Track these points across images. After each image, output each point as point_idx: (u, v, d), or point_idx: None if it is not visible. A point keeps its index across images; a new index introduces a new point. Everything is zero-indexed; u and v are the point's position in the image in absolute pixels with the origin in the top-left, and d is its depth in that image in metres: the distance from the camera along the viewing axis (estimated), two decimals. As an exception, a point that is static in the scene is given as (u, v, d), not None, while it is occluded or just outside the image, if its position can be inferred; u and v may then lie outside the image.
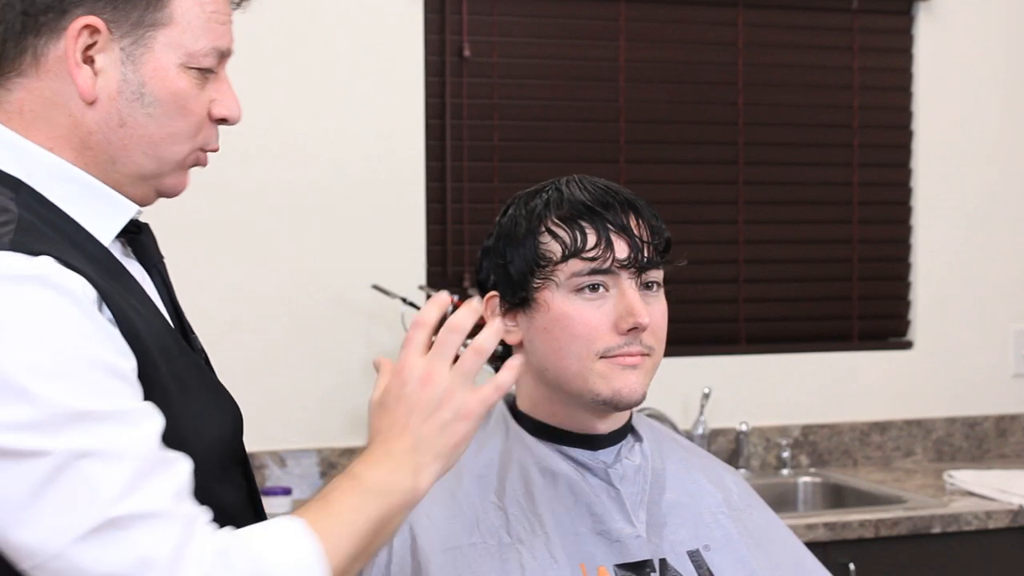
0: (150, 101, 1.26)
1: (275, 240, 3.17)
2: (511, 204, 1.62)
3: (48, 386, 1.09)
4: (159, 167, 1.29)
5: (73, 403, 1.10)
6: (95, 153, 1.26)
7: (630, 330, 1.52)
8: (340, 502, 1.19)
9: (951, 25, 3.70)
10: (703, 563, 1.56)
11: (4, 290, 1.11)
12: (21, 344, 1.09)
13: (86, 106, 1.24)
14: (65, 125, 1.25)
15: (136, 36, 1.25)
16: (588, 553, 1.51)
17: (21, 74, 1.25)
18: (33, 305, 1.11)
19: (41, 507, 1.08)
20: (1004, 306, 3.76)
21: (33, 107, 1.25)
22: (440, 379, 1.23)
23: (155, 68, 1.25)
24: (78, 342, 1.12)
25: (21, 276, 1.12)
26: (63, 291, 1.13)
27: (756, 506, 1.69)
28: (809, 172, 3.65)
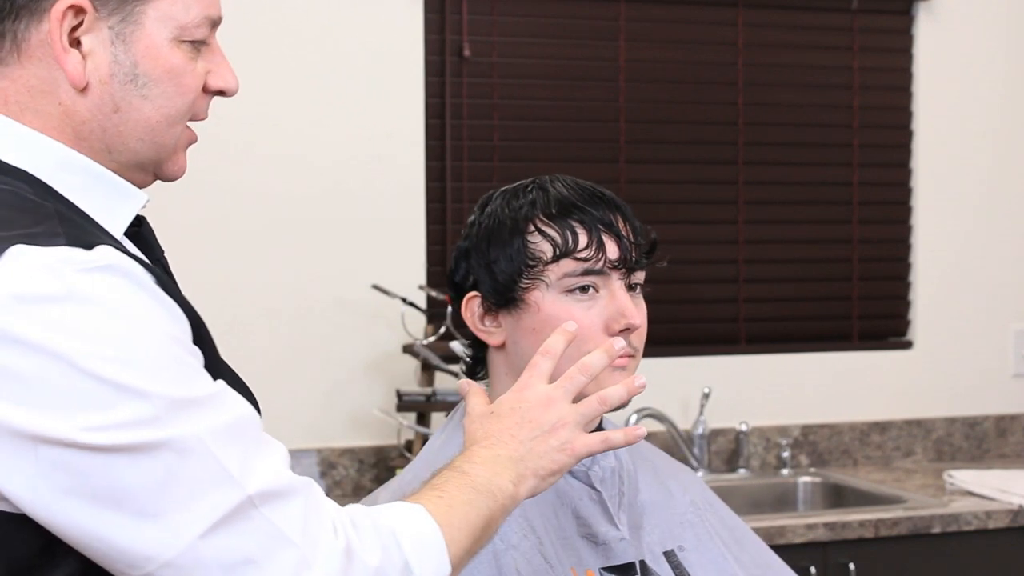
0: (144, 82, 1.17)
1: (275, 240, 3.17)
2: (487, 203, 1.59)
3: (151, 380, 1.05)
4: (157, 152, 1.21)
5: (177, 391, 1.06)
6: (90, 143, 1.18)
7: (622, 331, 1.51)
8: (454, 496, 1.19)
9: (951, 25, 3.70)
10: (679, 564, 1.56)
11: (81, 285, 1.05)
12: (112, 340, 1.04)
13: (77, 93, 1.16)
14: (56, 115, 1.16)
15: (124, 13, 1.16)
16: (577, 557, 1.50)
17: (1, 62, 1.16)
18: (113, 298, 1.06)
19: (170, 498, 1.04)
20: (1004, 306, 3.76)
21: (19, 97, 1.16)
22: (560, 408, 1.28)
23: (147, 46, 1.17)
24: (163, 328, 1.08)
25: (93, 267, 1.06)
26: (134, 278, 1.08)
27: (715, 503, 1.68)
28: (809, 172, 3.65)
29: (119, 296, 1.06)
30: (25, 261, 1.05)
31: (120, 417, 1.03)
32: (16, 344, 1.02)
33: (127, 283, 1.07)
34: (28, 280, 1.04)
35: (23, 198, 1.12)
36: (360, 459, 3.22)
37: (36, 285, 1.04)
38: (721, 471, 3.49)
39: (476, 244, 1.56)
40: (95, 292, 1.05)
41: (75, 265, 1.05)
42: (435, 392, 3.05)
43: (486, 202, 1.59)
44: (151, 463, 1.03)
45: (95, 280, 1.06)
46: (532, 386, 1.28)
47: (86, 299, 1.04)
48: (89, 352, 1.03)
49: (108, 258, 1.07)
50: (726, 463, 3.52)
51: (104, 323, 1.04)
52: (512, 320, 1.54)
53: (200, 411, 1.07)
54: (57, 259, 1.05)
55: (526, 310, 1.52)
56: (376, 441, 3.24)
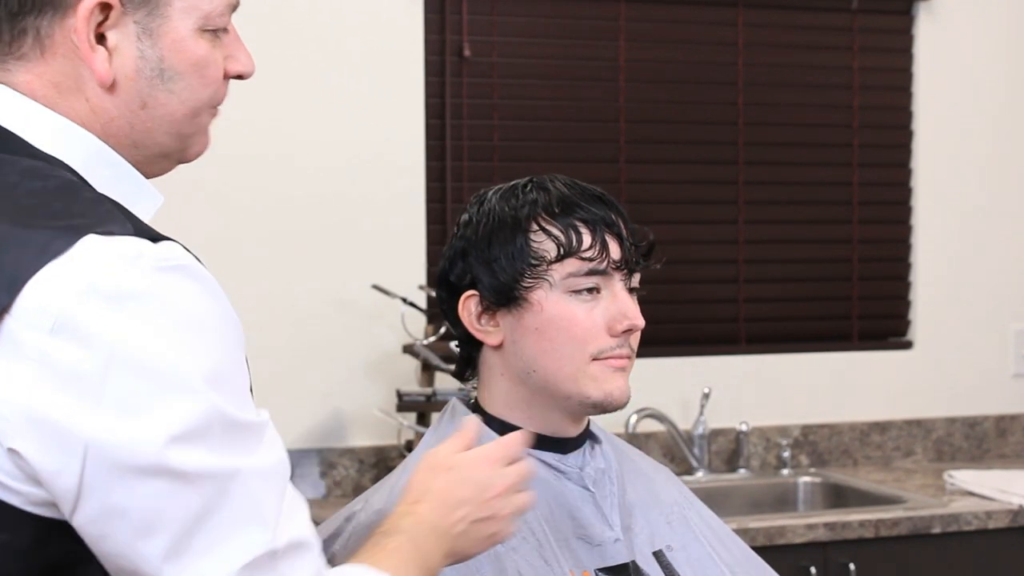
0: (171, 76, 1.14)
1: (275, 240, 3.17)
2: (482, 201, 1.57)
3: (217, 394, 1.01)
4: (182, 142, 1.19)
5: (232, 413, 1.02)
6: (117, 138, 1.14)
7: (623, 332, 1.51)
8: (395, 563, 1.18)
9: (951, 25, 3.70)
10: (668, 563, 1.55)
11: (158, 283, 1.01)
12: (183, 345, 1.01)
13: (104, 91, 1.12)
14: (84, 111, 1.12)
15: (150, 7, 1.12)
16: (575, 558, 1.50)
17: (22, 58, 1.12)
18: (188, 301, 1.03)
19: (203, 534, 1.00)
20: (1004, 306, 3.76)
21: (45, 91, 1.12)
22: (507, 502, 1.27)
23: (173, 39, 1.13)
24: (228, 341, 1.06)
25: (168, 266, 1.03)
26: (207, 283, 1.05)
27: (696, 503, 1.68)
28: (809, 172, 3.65)
29: (193, 300, 1.04)
30: (100, 252, 1.01)
31: (175, 429, 0.99)
32: (84, 340, 0.99)
33: (201, 287, 1.05)
34: (105, 272, 1.00)
35: (75, 187, 1.08)
36: (360, 459, 3.22)
37: (113, 278, 1.00)
38: (721, 471, 3.49)
39: (475, 242, 1.55)
40: (171, 293, 1.02)
41: (151, 261, 1.02)
42: (435, 392, 3.05)
43: (480, 200, 1.58)
44: (193, 493, 1.00)
45: (170, 280, 1.03)
46: (490, 471, 1.27)
47: (162, 299, 1.01)
48: (158, 354, 1.00)
49: (180, 256, 1.04)
50: (726, 463, 3.52)
51: (178, 327, 1.01)
52: (512, 320, 1.53)
53: (248, 443, 1.04)
54: (133, 252, 1.02)
55: (528, 309, 1.52)
56: (376, 441, 3.24)
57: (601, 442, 1.61)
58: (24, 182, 1.06)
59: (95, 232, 1.02)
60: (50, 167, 1.08)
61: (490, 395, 1.58)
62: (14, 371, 0.99)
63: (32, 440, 0.98)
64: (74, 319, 0.99)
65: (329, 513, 1.61)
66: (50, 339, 0.99)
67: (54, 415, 0.98)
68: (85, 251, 1.01)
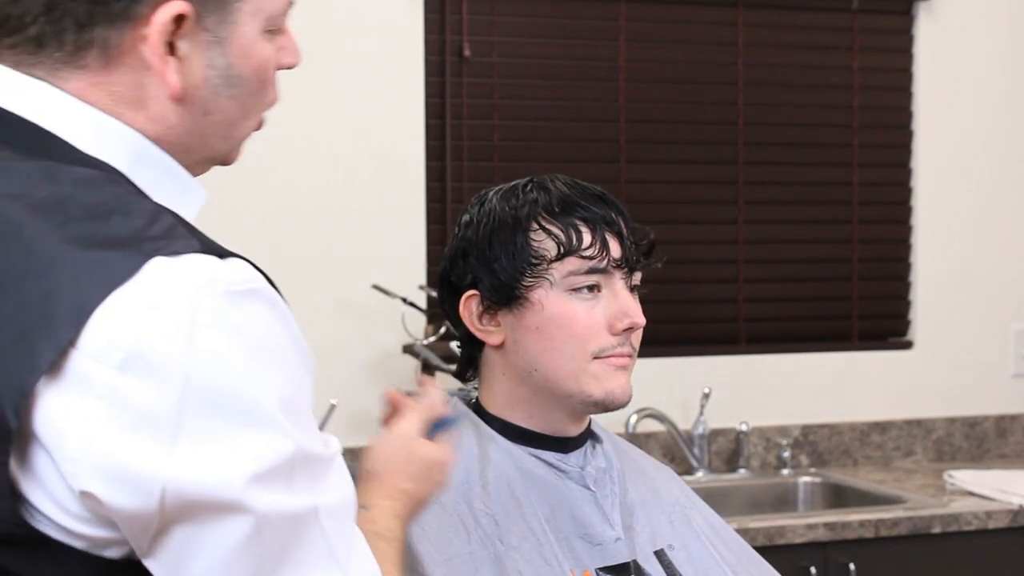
0: (235, 82, 1.09)
1: (275, 240, 3.17)
2: (482, 201, 1.58)
3: (292, 429, 0.96)
4: (230, 147, 1.14)
5: (308, 447, 0.98)
6: (169, 143, 1.08)
7: (625, 330, 1.51)
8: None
9: (951, 25, 3.70)
10: (670, 563, 1.55)
11: (231, 311, 0.96)
12: (260, 377, 0.95)
13: (169, 101, 1.06)
14: (139, 119, 1.06)
15: (222, 14, 1.06)
16: (575, 557, 1.50)
17: (83, 68, 1.04)
18: (262, 331, 0.97)
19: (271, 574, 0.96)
20: (1004, 306, 3.76)
21: (99, 99, 1.05)
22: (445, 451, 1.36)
23: (241, 45, 1.08)
24: (301, 368, 1.01)
25: (241, 291, 0.97)
26: (276, 305, 1.00)
27: (697, 502, 1.68)
28: (809, 172, 3.65)
29: (267, 327, 0.98)
30: (169, 276, 0.95)
31: (255, 467, 0.94)
32: (156, 374, 0.93)
33: (273, 312, 0.99)
34: (176, 300, 0.94)
35: (131, 197, 1.02)
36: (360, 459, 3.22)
37: (185, 307, 0.94)
38: (721, 471, 3.49)
39: (476, 242, 1.55)
40: (245, 321, 0.96)
41: (223, 285, 0.96)
42: (435, 392, 3.05)
43: (481, 201, 1.58)
44: (271, 534, 0.96)
45: (243, 306, 0.97)
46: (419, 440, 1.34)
47: (236, 328, 0.96)
48: (234, 387, 0.94)
49: (251, 278, 0.99)
50: (726, 463, 3.52)
51: (254, 357, 0.96)
52: (513, 319, 1.53)
53: (322, 477, 1.00)
54: (204, 276, 0.96)
55: (529, 308, 1.52)
56: (376, 441, 3.23)
57: (602, 441, 1.61)
58: (77, 193, 0.99)
59: (162, 254, 0.96)
60: (102, 175, 1.02)
61: (491, 395, 1.58)
62: (84, 410, 0.93)
63: (106, 482, 0.93)
64: (145, 353, 0.93)
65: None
66: (120, 375, 0.92)
67: (129, 456, 0.92)
68: (153, 276, 0.94)
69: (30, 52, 1.04)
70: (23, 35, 1.04)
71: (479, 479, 1.51)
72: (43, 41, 1.03)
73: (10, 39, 1.04)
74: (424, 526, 1.45)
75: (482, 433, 1.55)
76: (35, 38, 1.03)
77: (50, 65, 1.04)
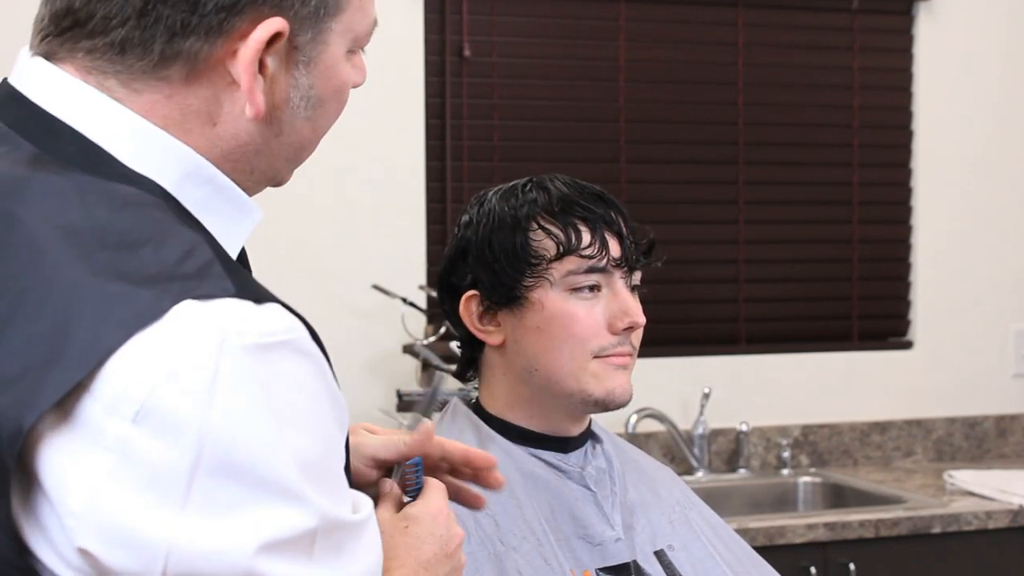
0: (315, 104, 1.03)
1: (275, 240, 3.17)
2: (482, 202, 1.58)
3: (312, 493, 0.89)
4: (292, 169, 1.09)
5: (331, 513, 0.90)
6: (234, 163, 1.01)
7: (625, 329, 1.51)
8: None
9: (951, 25, 3.70)
10: (670, 563, 1.55)
11: (258, 366, 0.88)
12: (281, 440, 0.88)
13: (244, 119, 0.99)
14: (207, 136, 0.99)
15: (316, 31, 1.00)
16: (575, 557, 1.50)
17: (162, 79, 0.97)
18: (292, 385, 0.90)
19: None
20: (1004, 306, 3.76)
21: (167, 113, 0.98)
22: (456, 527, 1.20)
23: (327, 66, 1.02)
24: (332, 427, 0.93)
25: (272, 344, 0.89)
26: (310, 358, 0.93)
27: (697, 502, 1.68)
28: (809, 172, 3.65)
29: (297, 384, 0.91)
30: (196, 323, 0.87)
31: (267, 536, 0.87)
32: (171, 432, 0.85)
33: (306, 366, 0.92)
34: (200, 351, 0.87)
35: (168, 225, 0.94)
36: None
37: (209, 360, 0.87)
38: (721, 471, 3.49)
39: (475, 242, 1.55)
40: (272, 378, 0.89)
41: (252, 336, 0.88)
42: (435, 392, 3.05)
43: (481, 201, 1.59)
44: None
45: (273, 360, 0.89)
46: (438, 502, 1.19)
47: (261, 385, 0.88)
48: (252, 451, 0.87)
49: (286, 328, 0.91)
50: (726, 463, 3.52)
51: (277, 417, 0.88)
52: (513, 319, 1.53)
53: (345, 547, 0.92)
54: (233, 326, 0.88)
55: (529, 308, 1.52)
56: (376, 441, 3.23)
57: (603, 441, 1.61)
58: (110, 216, 0.92)
59: (192, 296, 0.88)
60: (142, 194, 0.95)
61: (491, 395, 1.58)
62: (90, 462, 0.86)
63: (107, 542, 0.86)
64: (161, 407, 0.85)
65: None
66: (133, 429, 0.85)
67: (134, 519, 0.86)
68: (179, 321, 0.87)
69: (109, 59, 0.97)
70: (106, 38, 0.96)
71: None
72: (127, 47, 0.96)
73: (89, 41, 0.97)
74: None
75: (482, 433, 1.55)
76: (119, 43, 0.96)
77: (127, 75, 0.97)
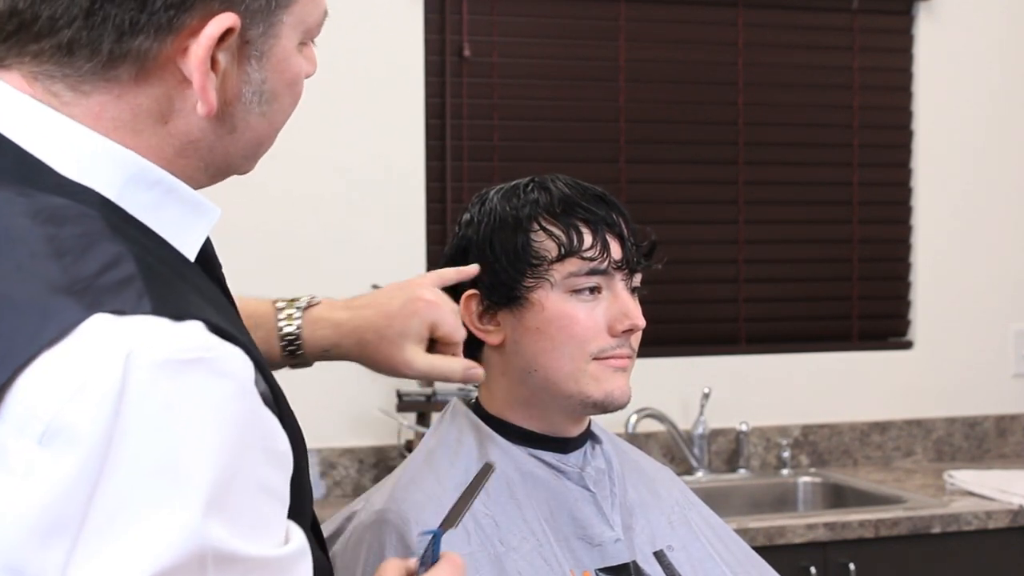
0: (268, 98, 1.01)
1: (275, 240, 3.17)
2: (483, 201, 1.57)
3: (213, 521, 0.84)
4: (253, 163, 1.07)
5: (234, 546, 0.85)
6: (187, 162, 0.99)
7: (624, 332, 1.51)
8: None
9: (951, 25, 3.70)
10: (669, 563, 1.55)
11: (166, 383, 0.84)
12: (180, 462, 0.83)
13: (196, 116, 0.97)
14: (158, 135, 0.97)
15: (267, 25, 0.99)
16: (575, 558, 1.50)
17: (111, 80, 0.94)
18: (200, 405, 0.85)
19: None
20: (1004, 306, 3.76)
21: (117, 115, 0.95)
22: None
23: (279, 59, 1.01)
24: (245, 456, 0.87)
25: (183, 360, 0.85)
26: (229, 379, 0.87)
27: (697, 503, 1.68)
28: (809, 172, 3.65)
29: (206, 404, 0.85)
30: (105, 338, 0.84)
31: (157, 565, 0.82)
32: (73, 451, 0.82)
33: (222, 386, 0.86)
34: (107, 367, 0.83)
35: (94, 237, 0.90)
36: (360, 459, 3.22)
37: (114, 376, 0.83)
38: (721, 471, 3.49)
39: (476, 242, 1.55)
40: (179, 396, 0.84)
41: (163, 352, 0.84)
42: (435, 392, 3.05)
43: (482, 200, 1.58)
44: None
45: (182, 378, 0.85)
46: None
47: (167, 404, 0.84)
48: (151, 474, 0.83)
49: (200, 346, 0.86)
50: (726, 463, 3.52)
51: (181, 439, 0.83)
52: (513, 319, 1.53)
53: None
54: (142, 341, 0.84)
55: (529, 309, 1.52)
56: (376, 441, 3.24)
57: (602, 442, 1.61)
58: (35, 228, 0.89)
59: (104, 310, 0.85)
60: (74, 205, 0.92)
61: (491, 395, 1.58)
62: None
63: (3, 569, 0.82)
64: (67, 427, 0.82)
65: (329, 513, 1.61)
66: (38, 451, 0.82)
67: (26, 550, 0.81)
68: (88, 336, 0.84)
69: (57, 61, 0.94)
70: (53, 39, 0.94)
71: None
72: (74, 48, 0.94)
73: (36, 44, 0.95)
74: (424, 527, 1.44)
75: (482, 433, 1.55)
76: (66, 44, 0.94)
77: (76, 77, 0.94)
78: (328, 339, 1.41)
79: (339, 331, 1.40)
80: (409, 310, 1.39)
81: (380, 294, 1.43)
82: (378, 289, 1.46)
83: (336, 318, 1.41)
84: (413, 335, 1.38)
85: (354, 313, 1.40)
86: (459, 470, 1.50)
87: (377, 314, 1.39)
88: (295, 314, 1.42)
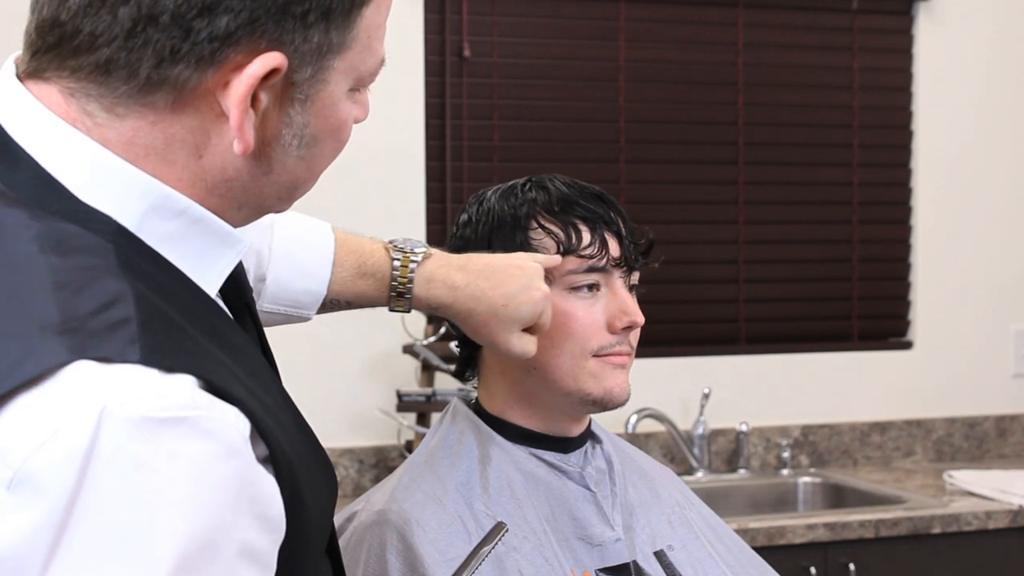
0: (308, 142, 0.98)
1: (275, 240, 3.17)
2: (481, 200, 1.58)
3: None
4: (285, 205, 1.03)
5: None
6: (219, 200, 0.95)
7: (623, 329, 1.51)
8: None
9: (951, 25, 3.70)
10: (670, 563, 1.55)
11: (143, 442, 0.79)
12: (151, 525, 0.79)
13: (230, 152, 0.93)
14: (190, 169, 0.93)
15: (316, 68, 0.95)
16: (575, 558, 1.50)
17: (146, 105, 0.91)
18: (175, 468, 0.80)
19: None
20: (1004, 306, 3.76)
21: (150, 141, 0.91)
22: None
23: (324, 104, 0.98)
24: (225, 520, 0.82)
25: (162, 419, 0.80)
26: (214, 439, 0.82)
27: (697, 503, 1.68)
28: (809, 172, 3.65)
29: (187, 466, 0.81)
30: (84, 388, 0.80)
31: None
32: (39, 503, 0.78)
33: (207, 449, 0.82)
34: (81, 420, 0.79)
35: (95, 267, 0.87)
36: (360, 459, 3.22)
37: (87, 430, 0.79)
38: (721, 471, 3.49)
39: (475, 241, 1.55)
40: (156, 456, 0.80)
41: (141, 409, 0.80)
42: (435, 392, 3.05)
43: (480, 200, 1.58)
44: None
45: (161, 438, 0.80)
46: None
47: (141, 463, 0.79)
48: (118, 537, 0.79)
49: (188, 405, 0.82)
50: (726, 463, 3.52)
51: (155, 501, 0.79)
52: None
53: None
54: (122, 395, 0.80)
55: None
56: (376, 441, 3.24)
57: (602, 442, 1.61)
58: (40, 256, 0.86)
59: (89, 356, 0.81)
60: (85, 234, 0.88)
61: (490, 394, 1.58)
62: None
63: None
64: (35, 475, 0.78)
65: (329, 513, 1.61)
66: (7, 495, 0.78)
67: None
68: (68, 383, 0.80)
69: (94, 80, 0.91)
70: (91, 56, 0.90)
71: (480, 480, 1.50)
72: (112, 69, 0.90)
73: (75, 60, 0.91)
74: (425, 527, 1.44)
75: (482, 433, 1.55)
76: (104, 63, 0.90)
77: (112, 99, 0.91)
78: (439, 299, 1.49)
79: (453, 294, 1.46)
80: (526, 297, 1.43)
81: (496, 265, 1.45)
82: (490, 255, 1.47)
83: (452, 280, 1.46)
84: (524, 321, 1.44)
85: (470, 280, 1.45)
86: (460, 470, 1.51)
87: (494, 290, 1.43)
88: (411, 267, 1.51)
